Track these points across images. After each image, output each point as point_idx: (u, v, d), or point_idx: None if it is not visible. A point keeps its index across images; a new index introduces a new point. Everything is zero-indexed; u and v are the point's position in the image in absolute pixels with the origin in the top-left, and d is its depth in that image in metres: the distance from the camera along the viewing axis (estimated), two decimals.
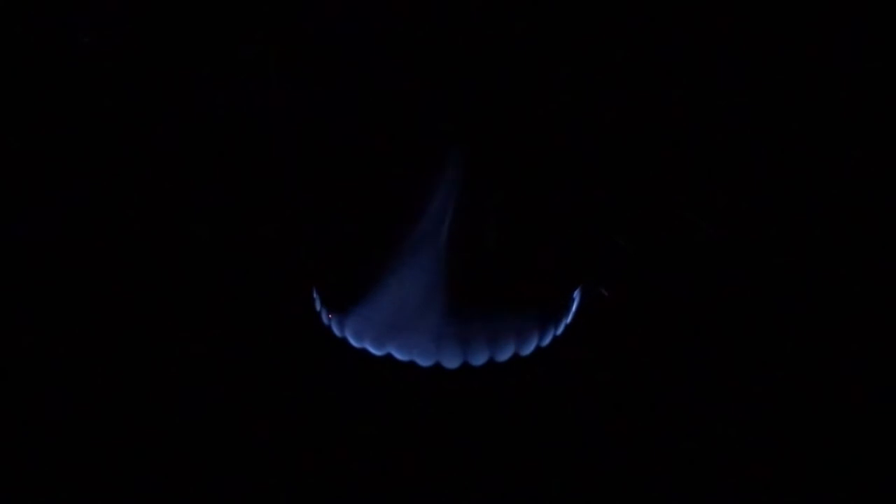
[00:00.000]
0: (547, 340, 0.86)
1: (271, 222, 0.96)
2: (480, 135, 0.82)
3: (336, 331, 0.86)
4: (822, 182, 0.97)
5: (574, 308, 0.89)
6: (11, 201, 0.96)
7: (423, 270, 0.83)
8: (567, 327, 0.88)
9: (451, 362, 0.83)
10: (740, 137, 0.97)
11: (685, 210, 0.96)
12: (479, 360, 0.83)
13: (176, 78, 0.96)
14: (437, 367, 0.83)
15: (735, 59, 0.94)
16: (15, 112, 0.97)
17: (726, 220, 0.97)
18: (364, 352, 0.84)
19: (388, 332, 0.83)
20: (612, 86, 0.92)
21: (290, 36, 0.92)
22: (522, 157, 0.84)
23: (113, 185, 0.97)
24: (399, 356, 0.83)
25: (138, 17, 0.94)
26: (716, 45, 0.93)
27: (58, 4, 0.94)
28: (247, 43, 0.94)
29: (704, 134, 0.97)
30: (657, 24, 0.91)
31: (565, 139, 0.86)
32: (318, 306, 0.88)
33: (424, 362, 0.83)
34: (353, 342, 0.85)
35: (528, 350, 0.85)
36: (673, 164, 0.97)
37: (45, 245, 0.94)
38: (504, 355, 0.84)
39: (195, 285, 0.92)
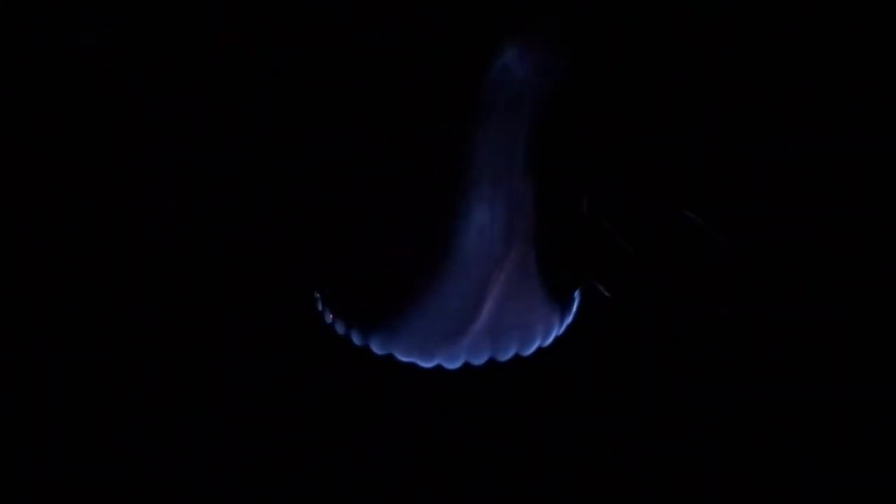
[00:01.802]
0: (548, 340, 0.86)
1: (273, 221, 0.96)
2: (481, 133, 0.82)
3: (337, 330, 0.86)
4: (825, 183, 0.97)
5: (575, 308, 0.89)
6: (10, 201, 0.96)
7: (426, 271, 0.83)
8: (568, 327, 0.88)
9: (453, 362, 0.83)
10: (743, 137, 0.97)
11: (686, 210, 0.96)
12: (480, 360, 0.83)
13: (177, 77, 0.96)
14: (439, 367, 0.83)
15: (738, 59, 0.94)
16: (14, 112, 0.97)
17: (728, 220, 0.96)
18: (364, 352, 0.84)
19: (388, 331, 0.83)
20: (613, 84, 0.92)
21: (293, 34, 0.92)
22: (523, 157, 0.84)
23: (114, 185, 0.97)
24: (400, 356, 0.83)
25: (139, 16, 0.94)
26: (719, 45, 0.93)
27: (58, 4, 0.94)
28: (249, 42, 0.94)
29: (707, 134, 0.97)
30: (661, 22, 0.91)
31: (565, 138, 0.86)
32: (319, 307, 0.88)
33: (426, 363, 0.83)
34: (355, 341, 0.84)
35: (529, 350, 0.84)
36: (675, 163, 0.97)
37: (44, 245, 0.94)
38: (505, 355, 0.84)
39: (195, 284, 0.92)
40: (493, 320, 0.83)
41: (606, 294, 0.91)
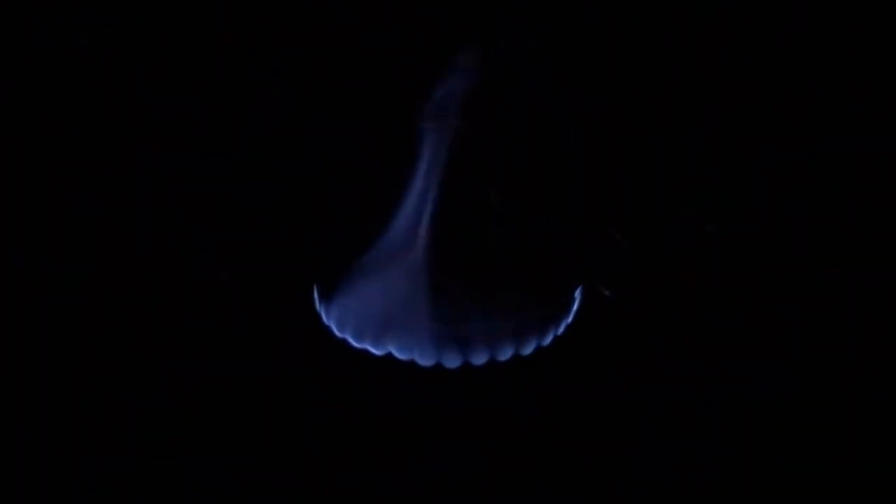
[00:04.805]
0: (548, 340, 0.85)
1: (271, 220, 0.96)
2: (478, 132, 0.82)
3: (336, 331, 0.86)
4: (825, 182, 0.97)
5: (575, 307, 0.88)
6: (10, 201, 0.96)
7: (423, 268, 0.83)
8: (568, 327, 0.87)
9: (452, 362, 0.83)
10: (743, 136, 0.97)
11: (686, 209, 0.96)
12: (479, 359, 0.83)
13: (177, 76, 0.96)
14: (438, 366, 0.83)
15: (736, 58, 0.94)
16: (13, 113, 0.97)
17: (728, 219, 0.97)
18: (364, 352, 0.84)
19: (387, 330, 0.83)
20: (612, 82, 0.92)
21: (291, 35, 0.92)
22: (523, 155, 0.84)
23: (112, 184, 0.98)
24: (399, 356, 0.83)
25: (139, 16, 0.95)
26: (716, 44, 0.93)
27: (58, 4, 0.94)
28: (248, 42, 0.94)
29: (707, 132, 0.97)
30: (658, 21, 0.92)
31: (566, 136, 0.86)
32: (318, 306, 0.88)
33: (425, 362, 0.83)
34: (353, 341, 0.84)
35: (528, 349, 0.84)
36: (674, 162, 0.98)
37: (43, 243, 0.94)
38: (505, 355, 0.84)
39: (194, 284, 0.92)
40: (493, 320, 0.83)
41: (606, 294, 0.91)
